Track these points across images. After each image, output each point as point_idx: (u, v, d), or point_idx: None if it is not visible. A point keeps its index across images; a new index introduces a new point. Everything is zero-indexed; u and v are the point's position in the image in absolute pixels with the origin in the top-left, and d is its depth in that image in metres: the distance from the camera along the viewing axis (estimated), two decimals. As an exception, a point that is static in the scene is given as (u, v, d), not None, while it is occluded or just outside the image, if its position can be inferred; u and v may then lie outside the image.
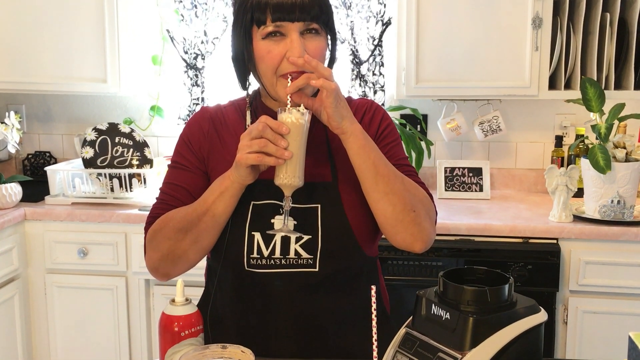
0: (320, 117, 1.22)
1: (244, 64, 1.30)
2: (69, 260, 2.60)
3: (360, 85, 2.88)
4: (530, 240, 2.37)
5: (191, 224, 1.24)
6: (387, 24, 2.80)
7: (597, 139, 2.37)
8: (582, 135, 2.68)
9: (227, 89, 2.97)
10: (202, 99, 3.00)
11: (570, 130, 2.91)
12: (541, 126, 2.96)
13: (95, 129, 2.76)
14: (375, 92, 2.87)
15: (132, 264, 2.58)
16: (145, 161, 2.76)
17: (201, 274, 1.45)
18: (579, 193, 2.53)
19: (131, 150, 2.76)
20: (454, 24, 2.60)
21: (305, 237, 1.27)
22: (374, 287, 0.94)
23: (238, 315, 1.33)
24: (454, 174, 2.89)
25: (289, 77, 1.21)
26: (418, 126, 2.90)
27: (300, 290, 1.28)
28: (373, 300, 0.92)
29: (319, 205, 1.28)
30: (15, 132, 2.72)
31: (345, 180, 1.30)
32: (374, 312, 0.92)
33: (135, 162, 2.75)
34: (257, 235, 1.27)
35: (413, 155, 2.70)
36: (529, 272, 2.31)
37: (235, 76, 1.35)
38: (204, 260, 1.43)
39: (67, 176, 2.71)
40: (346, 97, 1.37)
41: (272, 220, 1.27)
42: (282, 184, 1.19)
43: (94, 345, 2.65)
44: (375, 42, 2.82)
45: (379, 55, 2.85)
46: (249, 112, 1.36)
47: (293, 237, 1.26)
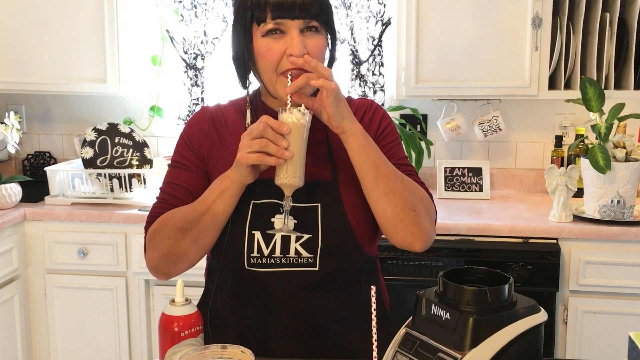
0: (321, 117, 1.22)
1: (244, 62, 1.30)
2: (69, 261, 2.60)
3: (360, 85, 2.88)
4: (530, 240, 2.37)
5: (191, 223, 1.24)
6: (386, 24, 2.79)
7: (597, 138, 2.37)
8: (582, 135, 2.68)
9: (226, 89, 2.97)
10: (202, 99, 3.00)
11: (570, 130, 2.91)
12: (541, 126, 2.96)
13: (95, 129, 2.76)
14: (375, 92, 2.87)
15: (132, 264, 2.58)
16: (145, 161, 2.76)
17: (201, 274, 1.45)
18: (579, 193, 2.53)
19: (131, 150, 2.76)
20: (454, 24, 2.60)
21: (306, 236, 1.27)
22: (373, 287, 0.94)
23: (238, 314, 1.33)
24: (454, 174, 2.89)
25: (289, 76, 1.21)
26: (418, 126, 2.90)
27: (300, 289, 1.28)
28: (373, 300, 0.92)
29: (319, 205, 1.28)
30: (15, 132, 2.71)
31: (345, 180, 1.30)
32: (374, 312, 0.92)
33: (135, 163, 2.75)
34: (257, 234, 1.27)
35: (413, 155, 2.70)
36: (529, 272, 2.31)
37: (236, 75, 1.35)
38: (204, 260, 1.43)
39: (67, 176, 2.71)
40: (346, 97, 1.37)
41: (272, 219, 1.27)
42: (282, 183, 1.18)
43: (94, 346, 2.65)
44: (375, 42, 2.82)
45: (379, 55, 2.85)
46: (249, 110, 1.36)
47: (293, 236, 1.26)
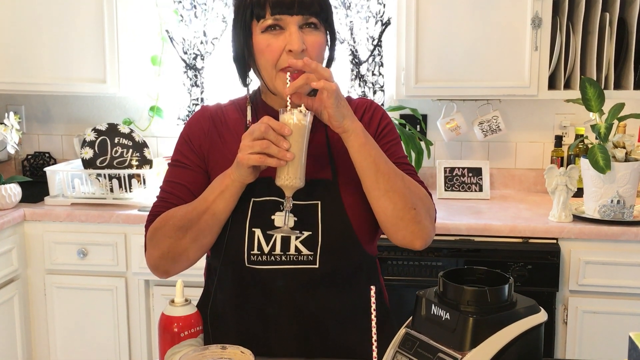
0: (321, 117, 1.22)
1: (244, 60, 1.30)
2: (69, 261, 2.60)
3: (359, 85, 2.88)
4: (530, 240, 2.37)
5: (191, 222, 1.25)
6: (386, 24, 2.79)
7: (596, 138, 2.37)
8: (582, 135, 2.68)
9: (226, 89, 2.97)
10: (202, 99, 3.00)
11: (569, 130, 2.91)
12: (541, 126, 2.96)
13: (95, 130, 2.76)
14: (374, 92, 2.87)
15: (131, 264, 2.58)
16: (145, 162, 2.76)
17: (201, 275, 1.45)
18: (579, 193, 2.52)
19: (131, 150, 2.76)
20: (454, 24, 2.60)
21: (306, 234, 1.27)
22: (373, 288, 0.94)
23: (238, 312, 1.33)
24: (454, 174, 2.89)
25: (288, 75, 1.21)
26: (418, 126, 2.90)
27: (300, 287, 1.28)
28: (372, 300, 0.92)
29: (319, 202, 1.28)
30: (15, 132, 2.71)
31: (345, 179, 1.31)
32: (374, 313, 0.92)
33: (134, 163, 2.75)
34: (258, 232, 1.27)
35: (413, 155, 2.70)
36: (529, 272, 2.31)
37: (237, 74, 1.36)
38: (203, 260, 1.43)
39: (67, 177, 2.71)
40: (345, 97, 1.38)
41: (273, 217, 1.28)
42: (283, 184, 1.18)
43: (94, 346, 2.65)
44: (375, 42, 2.82)
45: (379, 55, 2.85)
46: (249, 107, 1.37)
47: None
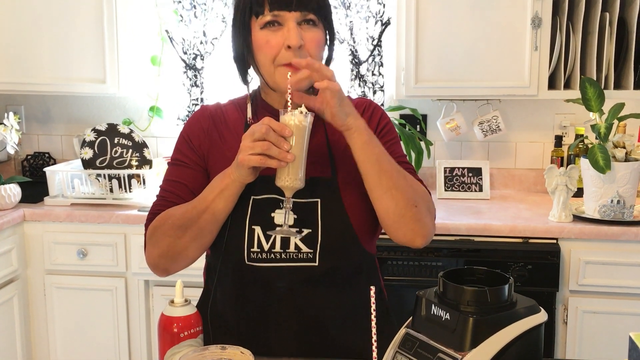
0: (323, 116, 1.21)
1: (244, 58, 1.31)
2: (68, 261, 2.60)
3: (359, 85, 2.88)
4: (530, 240, 2.36)
5: (190, 221, 1.25)
6: (386, 24, 2.79)
7: (596, 138, 2.36)
8: (582, 135, 2.68)
9: (226, 90, 2.97)
10: (202, 100, 3.00)
11: (569, 130, 2.91)
12: (541, 126, 2.96)
13: (95, 130, 2.76)
14: (374, 92, 2.87)
15: (131, 264, 2.58)
16: (145, 162, 2.76)
17: (200, 275, 1.45)
18: (579, 193, 2.52)
19: (130, 151, 2.76)
20: (453, 24, 2.60)
21: (305, 231, 1.27)
22: (373, 288, 0.93)
23: (238, 311, 1.34)
24: (454, 174, 2.89)
25: (289, 75, 1.21)
26: (417, 126, 2.90)
27: (300, 285, 1.29)
28: (372, 301, 0.92)
29: (318, 200, 1.29)
30: (14, 133, 2.71)
31: (345, 177, 1.31)
32: (373, 313, 0.92)
33: (134, 163, 2.75)
34: (258, 229, 1.27)
35: (412, 155, 2.70)
36: (529, 272, 2.31)
37: (237, 72, 1.36)
38: (203, 261, 1.43)
39: (66, 177, 2.71)
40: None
41: (272, 214, 1.28)
42: (283, 185, 1.18)
43: (94, 346, 2.64)
44: (375, 42, 2.82)
45: (378, 55, 2.85)
46: (249, 105, 1.37)
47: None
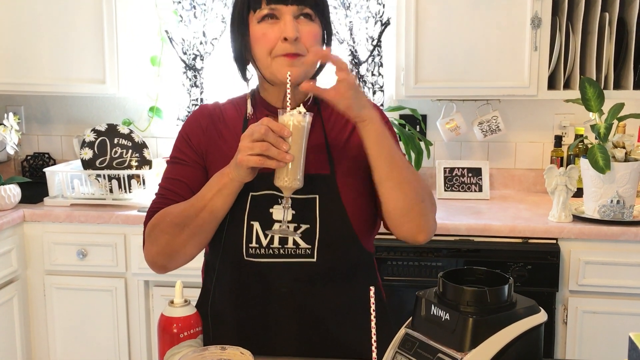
0: (337, 106, 1.21)
1: (242, 54, 1.32)
2: (68, 262, 2.60)
3: (359, 85, 2.87)
4: (530, 241, 2.36)
5: (189, 219, 1.25)
6: (386, 24, 2.79)
7: (596, 138, 2.36)
8: (582, 135, 2.68)
9: (226, 90, 2.97)
10: (201, 100, 3.00)
11: (569, 130, 2.91)
12: (540, 126, 2.96)
13: (94, 130, 2.76)
14: (374, 93, 2.87)
15: (131, 265, 2.58)
16: (144, 162, 2.76)
17: (200, 275, 1.45)
18: (579, 193, 2.52)
19: (130, 151, 2.76)
20: (453, 24, 2.60)
21: (304, 227, 1.28)
22: (372, 288, 0.93)
23: (238, 308, 1.34)
24: (454, 174, 2.89)
25: (288, 74, 1.21)
26: (417, 126, 2.90)
27: (298, 281, 1.29)
28: (372, 301, 0.91)
29: (317, 196, 1.29)
30: (14, 133, 2.71)
31: (343, 173, 1.32)
32: (373, 314, 0.92)
33: (134, 163, 2.75)
34: (256, 225, 1.28)
35: (412, 155, 2.70)
36: (529, 272, 2.31)
37: (237, 73, 1.37)
38: (202, 260, 1.43)
39: (66, 177, 2.71)
40: None
41: (271, 210, 1.28)
42: (282, 185, 1.19)
43: (93, 347, 2.64)
44: (374, 43, 2.82)
45: (378, 55, 2.85)
46: (249, 101, 1.38)
47: (291, 228, 1.27)
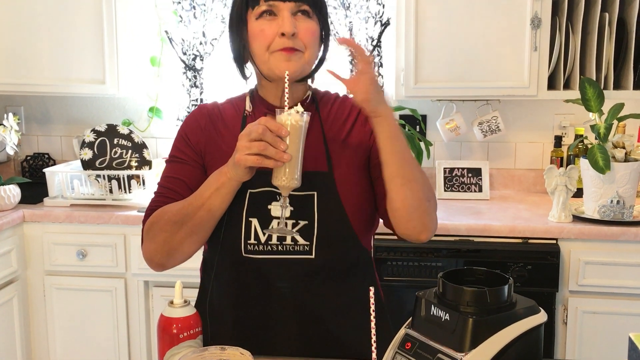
0: (355, 97, 1.22)
1: (241, 53, 1.33)
2: (68, 262, 2.59)
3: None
4: (530, 241, 2.36)
5: (186, 217, 1.26)
6: (385, 25, 2.79)
7: (596, 139, 2.36)
8: (582, 135, 2.68)
9: (225, 90, 2.96)
10: (201, 100, 3.00)
11: (569, 130, 2.91)
12: (540, 126, 2.96)
13: (94, 131, 2.75)
14: (374, 93, 2.86)
15: (131, 265, 2.57)
16: (144, 162, 2.76)
17: (199, 276, 1.45)
18: (579, 193, 2.52)
19: (130, 151, 2.76)
20: (453, 24, 2.60)
21: (302, 223, 1.28)
22: (372, 289, 0.93)
23: (236, 306, 1.34)
24: (453, 174, 2.89)
25: (286, 73, 1.23)
26: (417, 127, 2.90)
27: (297, 278, 1.30)
28: (372, 302, 0.91)
29: (315, 193, 1.30)
30: (14, 133, 2.71)
31: (341, 171, 1.33)
32: (373, 314, 0.92)
33: (134, 164, 2.75)
34: (254, 221, 1.29)
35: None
36: (529, 272, 2.31)
37: (236, 73, 1.38)
38: (200, 260, 1.44)
39: (66, 178, 2.71)
40: (342, 96, 1.40)
41: (269, 207, 1.29)
42: (280, 185, 1.19)
43: (93, 347, 2.64)
44: (374, 43, 2.82)
45: (378, 55, 2.85)
46: (248, 98, 1.39)
47: (290, 224, 1.28)
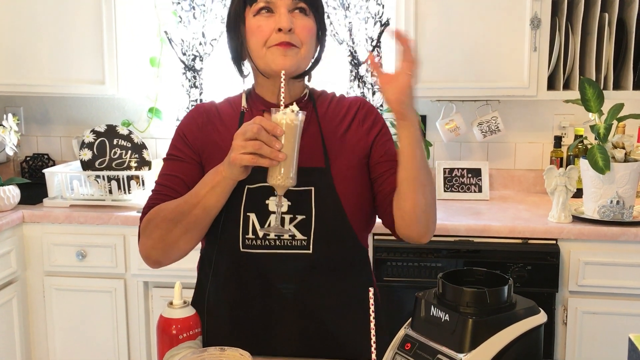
0: (385, 93, 1.23)
1: (239, 51, 1.34)
2: (68, 263, 2.59)
3: (358, 86, 2.87)
4: (530, 241, 2.36)
5: (182, 215, 1.26)
6: (385, 25, 2.79)
7: (596, 139, 2.36)
8: (581, 136, 2.68)
9: (225, 91, 2.96)
10: (200, 101, 3.00)
11: (569, 131, 2.91)
12: (540, 127, 2.96)
13: (94, 131, 2.75)
14: (373, 93, 2.87)
15: (130, 266, 2.57)
16: (144, 163, 2.76)
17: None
18: (578, 193, 2.52)
19: (129, 152, 2.76)
20: (452, 25, 2.60)
21: (299, 218, 1.29)
22: (372, 290, 0.93)
23: (234, 302, 1.34)
24: (453, 174, 2.89)
25: (283, 73, 1.24)
26: (417, 127, 2.90)
27: (295, 273, 1.30)
28: (371, 302, 0.91)
29: (312, 188, 1.31)
30: (13, 134, 2.71)
31: (338, 167, 1.33)
32: (372, 314, 0.92)
33: (133, 164, 2.74)
34: (252, 216, 1.30)
35: (412, 156, 2.69)
36: (529, 273, 2.31)
37: (235, 72, 1.40)
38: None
39: (65, 178, 2.71)
40: (338, 96, 1.41)
41: (267, 202, 1.30)
42: (275, 184, 1.19)
43: (93, 348, 2.64)
44: (374, 43, 2.82)
45: (378, 56, 2.85)
46: (244, 95, 1.41)
47: (287, 218, 1.29)
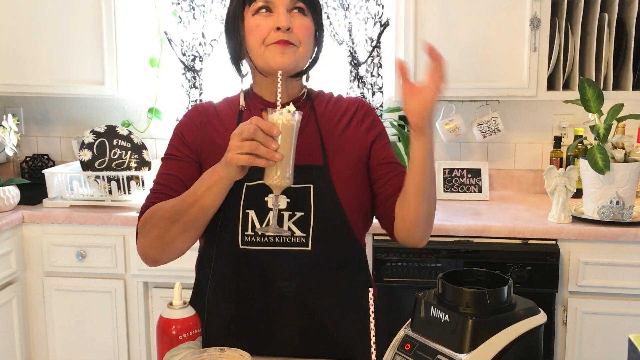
0: (407, 104, 1.21)
1: (237, 51, 1.35)
2: (67, 263, 2.59)
3: (358, 86, 2.87)
4: (530, 241, 2.36)
5: (179, 214, 1.26)
6: (385, 25, 2.79)
7: (595, 139, 2.36)
8: (581, 136, 2.68)
9: (225, 91, 2.96)
10: (200, 101, 2.99)
11: (568, 131, 2.91)
12: (540, 127, 2.96)
13: (93, 132, 2.75)
14: (373, 94, 2.87)
15: (130, 266, 2.57)
16: (144, 163, 2.76)
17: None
18: (578, 194, 2.52)
19: (129, 152, 2.76)
20: (452, 25, 2.60)
21: (298, 214, 1.29)
22: (371, 290, 0.93)
23: (234, 300, 1.34)
24: (453, 175, 2.89)
25: (280, 73, 1.24)
26: (416, 127, 2.90)
27: (294, 270, 1.31)
28: (371, 302, 0.91)
29: (311, 186, 1.31)
30: (13, 134, 2.71)
31: (336, 166, 1.34)
32: (372, 315, 0.92)
33: (133, 165, 2.74)
34: (252, 213, 1.30)
35: (412, 156, 2.69)
36: (528, 273, 2.31)
37: (234, 72, 1.41)
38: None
39: (65, 179, 2.71)
40: (336, 96, 1.41)
41: (266, 199, 1.30)
42: (271, 184, 1.19)
43: (93, 349, 2.64)
44: (374, 44, 2.82)
45: (377, 56, 2.85)
46: (242, 94, 1.42)
47: (286, 215, 1.29)
